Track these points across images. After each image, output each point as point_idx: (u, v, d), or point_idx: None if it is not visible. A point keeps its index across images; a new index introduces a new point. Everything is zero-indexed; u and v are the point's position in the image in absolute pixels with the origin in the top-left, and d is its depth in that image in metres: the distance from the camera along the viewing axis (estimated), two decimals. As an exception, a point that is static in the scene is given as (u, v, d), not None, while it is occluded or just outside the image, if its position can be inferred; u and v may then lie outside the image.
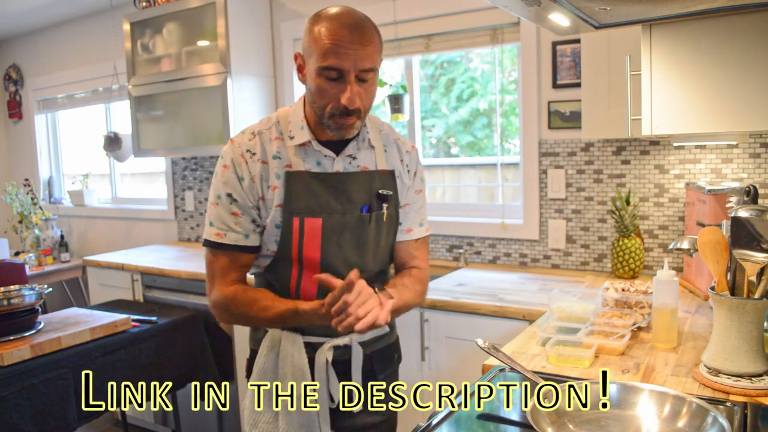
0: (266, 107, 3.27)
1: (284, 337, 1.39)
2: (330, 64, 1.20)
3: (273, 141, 1.34)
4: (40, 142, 4.71)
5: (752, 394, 1.18)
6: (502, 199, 2.78)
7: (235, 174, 1.31)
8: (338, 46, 1.19)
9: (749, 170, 2.11)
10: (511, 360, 1.28)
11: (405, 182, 1.45)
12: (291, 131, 1.34)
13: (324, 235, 1.32)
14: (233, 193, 1.32)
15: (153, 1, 3.35)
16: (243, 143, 1.33)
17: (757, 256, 1.17)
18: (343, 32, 1.20)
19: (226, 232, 1.33)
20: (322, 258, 1.33)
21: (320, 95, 1.25)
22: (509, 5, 1.17)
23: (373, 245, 1.39)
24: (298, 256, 1.33)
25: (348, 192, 1.34)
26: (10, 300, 2.01)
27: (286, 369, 1.37)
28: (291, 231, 1.31)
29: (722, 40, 1.27)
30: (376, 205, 1.37)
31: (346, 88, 1.22)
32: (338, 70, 1.21)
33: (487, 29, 2.63)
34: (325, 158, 1.35)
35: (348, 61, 1.20)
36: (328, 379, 1.39)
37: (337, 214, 1.33)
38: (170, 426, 3.06)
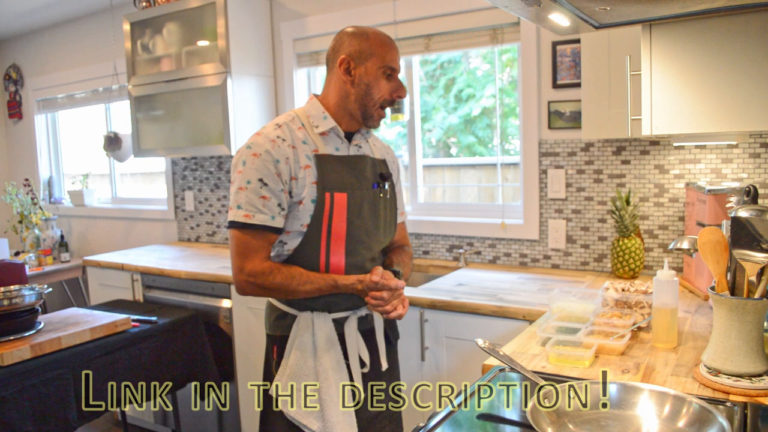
0: (266, 107, 3.27)
1: (316, 318, 1.57)
2: (390, 64, 1.56)
3: (298, 130, 1.57)
4: (40, 142, 4.71)
5: (752, 394, 1.18)
6: (502, 199, 2.78)
7: (270, 157, 1.49)
8: (395, 51, 1.59)
9: (749, 170, 2.11)
10: (511, 360, 1.28)
11: (392, 170, 1.76)
12: (313, 122, 1.58)
13: (349, 208, 1.55)
14: (264, 177, 1.49)
15: (153, 1, 3.35)
16: (271, 132, 1.54)
17: (757, 256, 1.17)
18: (391, 43, 1.59)
19: (255, 213, 1.49)
20: (348, 228, 1.55)
21: (378, 89, 1.56)
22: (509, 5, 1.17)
23: (383, 219, 1.66)
24: (327, 228, 1.54)
25: (362, 171, 1.61)
26: (11, 300, 2.01)
27: (321, 345, 1.56)
28: (324, 205, 1.52)
29: (722, 40, 1.27)
30: (381, 183, 1.65)
31: (397, 82, 1.59)
32: (395, 70, 1.58)
33: (487, 29, 2.63)
34: (341, 144, 1.61)
35: (397, 62, 1.59)
36: (358, 347, 1.62)
37: (357, 190, 1.58)
38: (170, 426, 3.06)
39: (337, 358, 1.57)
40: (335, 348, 1.57)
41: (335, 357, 1.57)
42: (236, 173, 1.52)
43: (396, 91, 1.58)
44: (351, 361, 1.59)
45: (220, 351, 2.78)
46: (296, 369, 1.56)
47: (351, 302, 1.61)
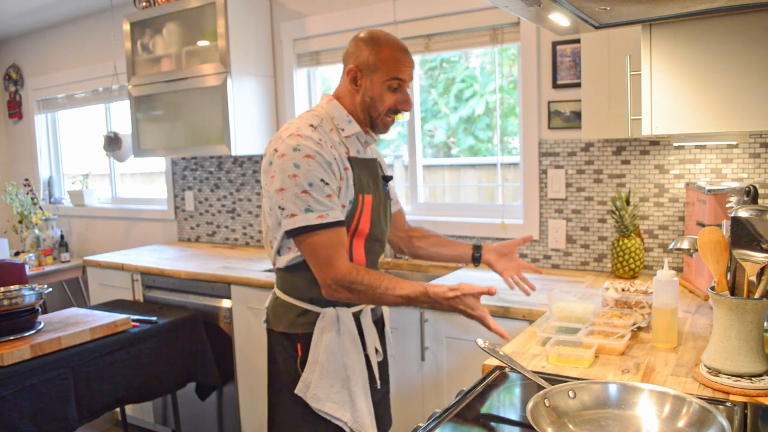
0: (266, 107, 3.27)
1: (341, 314, 1.61)
2: (399, 75, 1.58)
3: (330, 132, 1.59)
4: (40, 142, 4.71)
5: (752, 394, 1.18)
6: (502, 199, 2.78)
7: (323, 158, 1.49)
8: (405, 62, 1.59)
9: (749, 170, 2.11)
10: (511, 360, 1.28)
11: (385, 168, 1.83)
12: (340, 125, 1.62)
13: (373, 209, 1.63)
14: (324, 177, 1.49)
15: (153, 1, 3.35)
16: (313, 135, 1.52)
17: (757, 256, 1.17)
18: (405, 53, 1.60)
19: (328, 212, 1.49)
20: (371, 227, 1.63)
21: (382, 101, 1.59)
22: (509, 5, 1.17)
23: (389, 218, 1.76)
24: (354, 227, 1.59)
25: (376, 173, 1.69)
26: (11, 300, 2.01)
27: (347, 341, 1.61)
28: (356, 206, 1.58)
29: (722, 40, 1.27)
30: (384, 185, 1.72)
31: (404, 93, 1.62)
32: (403, 81, 1.59)
33: (487, 29, 2.63)
34: (361, 147, 1.67)
35: (408, 75, 1.61)
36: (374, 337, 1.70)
37: (375, 191, 1.65)
38: (170, 426, 3.06)
39: (358, 351, 1.63)
40: (358, 342, 1.64)
41: (358, 350, 1.63)
42: (289, 178, 1.46)
43: (401, 103, 1.61)
44: (369, 351, 1.67)
45: (220, 351, 2.78)
46: (327, 365, 1.58)
47: None
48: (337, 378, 1.59)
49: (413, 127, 2.98)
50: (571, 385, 1.12)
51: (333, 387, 1.59)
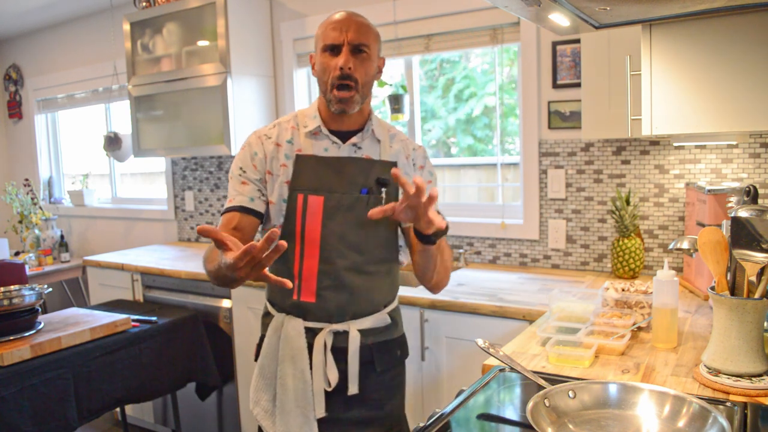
0: (266, 107, 3.27)
1: (287, 321, 1.50)
2: (327, 42, 1.44)
3: (289, 129, 1.54)
4: (40, 142, 4.71)
5: (752, 394, 1.18)
6: (502, 199, 2.78)
7: (249, 151, 1.51)
8: (334, 28, 1.44)
9: (749, 170, 2.11)
10: (511, 360, 1.28)
11: (407, 172, 1.56)
12: (305, 121, 1.54)
13: (325, 212, 1.46)
14: (243, 166, 1.51)
15: (153, 1, 3.34)
16: (263, 131, 1.55)
17: (757, 256, 1.17)
18: (339, 17, 1.45)
19: (235, 196, 1.50)
20: (322, 234, 1.46)
21: (323, 71, 1.46)
22: (509, 5, 1.16)
23: (372, 226, 1.49)
24: (301, 231, 1.47)
25: (349, 174, 1.49)
26: (10, 300, 2.01)
27: (285, 351, 1.48)
28: (296, 206, 1.46)
29: (722, 40, 1.27)
30: (375, 189, 1.49)
31: (341, 55, 1.43)
32: (335, 45, 1.43)
33: (487, 29, 2.63)
34: (332, 145, 1.51)
35: (342, 36, 1.43)
36: (325, 362, 1.48)
37: (337, 194, 1.47)
38: (170, 426, 3.06)
39: (302, 368, 1.46)
40: (301, 357, 1.47)
41: (300, 366, 1.47)
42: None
43: (339, 62, 1.42)
44: (314, 376, 1.47)
45: (220, 351, 2.78)
46: (261, 370, 1.53)
47: (325, 313, 1.48)
48: (269, 386, 1.52)
49: (413, 127, 2.98)
50: (571, 385, 1.12)
51: (264, 393, 1.52)
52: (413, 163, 1.58)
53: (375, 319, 1.53)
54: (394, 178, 1.21)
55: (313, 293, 1.48)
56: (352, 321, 1.50)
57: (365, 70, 1.46)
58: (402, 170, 1.53)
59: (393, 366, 1.58)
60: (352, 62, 1.43)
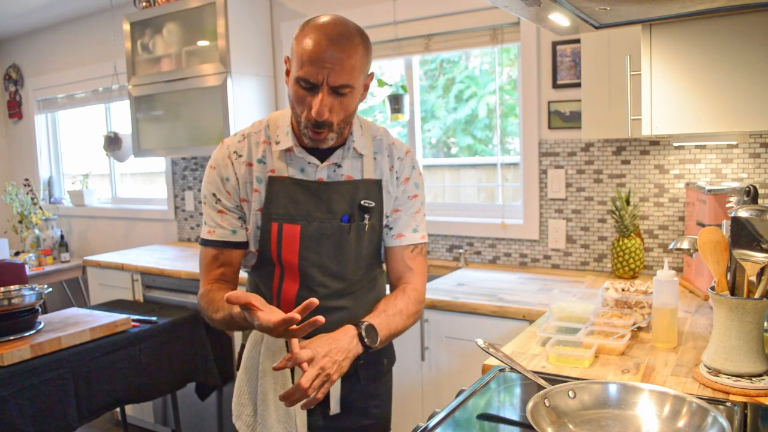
0: (266, 107, 3.27)
1: (266, 336, 1.40)
2: (302, 75, 1.21)
3: (260, 144, 1.37)
4: (40, 142, 4.71)
5: (752, 394, 1.18)
6: (502, 199, 2.78)
7: (219, 175, 1.37)
8: (315, 59, 1.19)
9: (749, 170, 2.11)
10: (511, 360, 1.28)
11: (390, 191, 1.42)
12: (278, 136, 1.36)
13: (302, 242, 1.34)
14: (217, 193, 1.38)
15: (153, 1, 3.35)
16: (232, 145, 1.38)
17: (757, 256, 1.17)
18: (323, 45, 1.19)
19: (215, 228, 1.39)
20: (300, 263, 1.35)
21: (297, 102, 1.26)
22: (509, 5, 1.16)
23: (354, 254, 1.38)
24: (278, 258, 1.36)
25: (329, 201, 1.35)
26: (10, 300, 2.01)
27: (266, 365, 1.40)
28: (270, 235, 1.35)
29: (722, 40, 1.27)
30: (357, 216, 1.37)
31: (318, 97, 1.21)
32: (311, 84, 1.21)
33: (487, 29, 2.63)
34: (309, 165, 1.36)
35: (321, 75, 1.20)
36: None
37: (315, 222, 1.34)
38: (170, 426, 3.06)
39: (284, 383, 1.38)
40: (282, 375, 1.38)
41: (281, 381, 1.38)
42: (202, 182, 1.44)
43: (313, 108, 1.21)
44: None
45: (220, 351, 2.78)
46: (241, 383, 1.46)
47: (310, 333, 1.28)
48: (249, 401, 1.44)
49: (413, 127, 2.98)
50: (571, 385, 1.12)
51: (245, 407, 1.44)
52: (396, 177, 1.43)
53: None
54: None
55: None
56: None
57: (345, 108, 1.26)
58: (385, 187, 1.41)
59: (378, 377, 1.50)
60: (329, 105, 1.23)
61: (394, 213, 1.44)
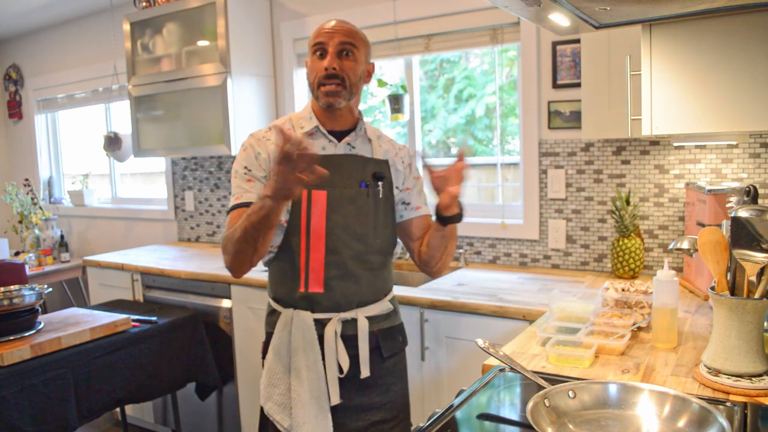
0: (266, 107, 3.27)
1: (296, 315, 1.56)
2: (315, 41, 1.54)
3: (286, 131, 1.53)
4: (40, 142, 4.71)
5: (752, 394, 1.18)
6: (502, 199, 2.78)
7: (252, 151, 1.58)
8: (323, 30, 1.55)
9: (749, 170, 2.11)
10: (511, 360, 1.28)
11: (399, 169, 1.68)
12: (301, 122, 1.61)
13: (329, 205, 1.54)
14: (248, 165, 1.57)
15: (153, 1, 3.35)
16: (260, 133, 1.62)
17: (757, 256, 1.17)
18: (330, 21, 1.57)
19: (243, 194, 1.55)
20: (328, 227, 1.53)
21: (311, 71, 1.56)
22: (509, 5, 1.17)
23: (372, 218, 1.59)
24: (306, 225, 1.53)
25: (348, 169, 1.58)
26: (11, 300, 2.01)
27: (297, 343, 1.54)
28: (300, 201, 1.52)
29: (722, 40, 1.27)
30: (372, 183, 1.60)
31: (327, 56, 1.53)
32: (323, 49, 1.53)
33: (487, 29, 2.63)
34: (329, 143, 1.60)
35: (328, 37, 1.53)
36: (337, 351, 1.55)
37: (338, 188, 1.55)
38: (170, 426, 3.06)
39: (314, 359, 1.53)
40: (312, 348, 1.54)
41: (312, 357, 1.53)
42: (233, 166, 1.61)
43: (325, 63, 1.52)
44: (327, 364, 1.55)
45: (220, 351, 2.78)
46: (272, 365, 1.58)
47: (333, 303, 1.56)
48: (282, 380, 1.56)
49: (413, 127, 2.98)
50: (571, 385, 1.12)
51: (276, 388, 1.57)
52: (402, 160, 1.70)
53: (379, 307, 1.63)
54: (426, 168, 1.51)
55: (321, 284, 1.54)
56: (359, 309, 1.59)
57: (351, 69, 1.55)
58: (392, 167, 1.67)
59: (396, 351, 1.67)
60: (337, 63, 1.53)
61: (406, 191, 1.70)
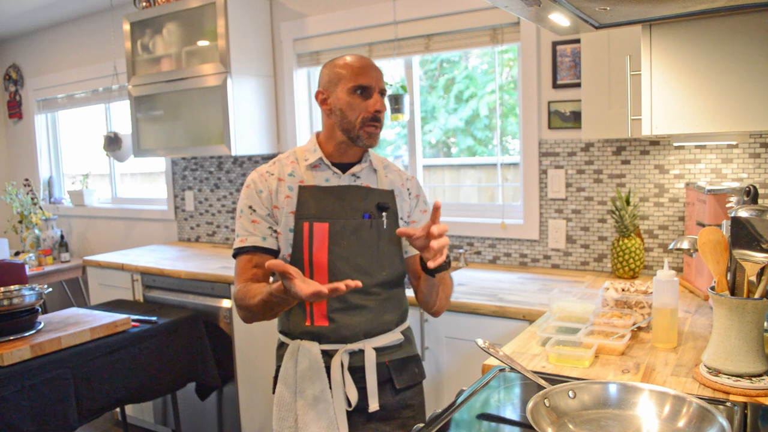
0: (266, 107, 3.27)
1: (302, 346, 1.53)
2: (361, 83, 1.51)
3: (290, 164, 1.60)
4: (40, 142, 4.71)
5: (752, 394, 1.18)
6: (502, 199, 2.78)
7: (254, 189, 1.57)
8: (365, 69, 1.53)
9: (749, 170, 2.11)
10: (511, 360, 1.28)
11: (405, 199, 1.65)
12: (306, 155, 1.60)
13: (330, 238, 1.52)
14: (252, 204, 1.56)
15: (153, 1, 3.35)
16: (264, 168, 1.61)
17: (757, 256, 1.17)
18: (365, 62, 1.55)
19: (247, 236, 1.55)
20: (329, 259, 1.51)
21: (352, 110, 1.52)
22: (509, 5, 1.16)
23: (376, 250, 1.55)
24: (309, 258, 1.51)
25: (351, 201, 1.56)
26: (10, 300, 2.01)
27: (303, 372, 1.52)
28: (302, 234, 1.51)
29: (722, 40, 1.27)
30: (376, 214, 1.57)
31: (373, 98, 1.53)
32: (367, 87, 1.52)
33: (487, 29, 2.63)
34: (333, 175, 1.58)
35: (373, 80, 1.53)
36: (344, 383, 1.52)
37: (341, 219, 1.53)
38: (170, 426, 3.06)
39: (322, 388, 1.50)
40: (320, 377, 1.51)
41: (319, 386, 1.50)
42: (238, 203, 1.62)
43: (373, 105, 1.52)
44: (335, 396, 1.51)
45: (220, 351, 2.78)
46: (281, 397, 1.55)
47: (339, 335, 1.52)
48: (289, 411, 1.53)
49: (413, 127, 2.98)
50: (571, 385, 1.12)
51: (285, 420, 1.53)
52: (408, 191, 1.67)
53: (388, 338, 1.57)
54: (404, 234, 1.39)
55: (325, 316, 1.52)
56: (366, 340, 1.55)
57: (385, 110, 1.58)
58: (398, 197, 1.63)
59: (412, 384, 1.62)
60: (380, 105, 1.54)
61: (411, 224, 1.66)
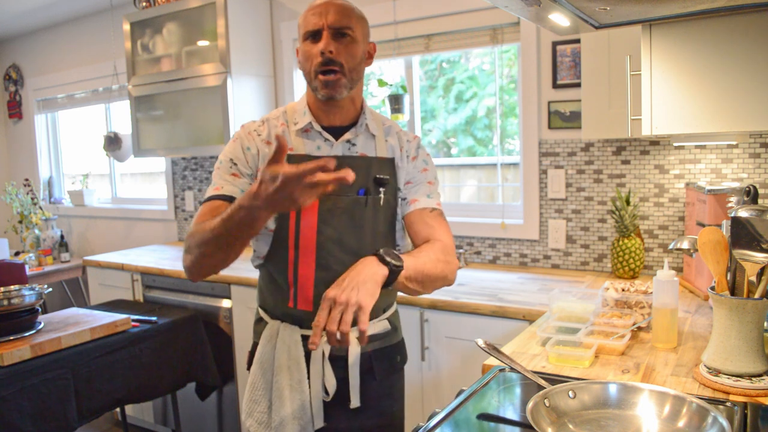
0: (266, 107, 3.27)
1: (282, 329, 1.42)
2: (309, 28, 1.35)
3: (279, 126, 1.44)
4: (40, 142, 4.71)
5: (752, 394, 1.18)
6: (502, 199, 2.78)
7: (240, 145, 1.41)
8: (314, 13, 1.35)
9: (749, 170, 2.11)
10: (511, 360, 1.28)
11: (402, 167, 1.48)
12: (296, 117, 1.44)
13: (320, 216, 1.37)
14: (234, 158, 1.40)
15: (153, 1, 3.35)
16: (251, 126, 1.45)
17: (757, 256, 1.17)
18: (317, 2, 1.36)
19: (224, 185, 1.38)
20: (318, 241, 1.37)
21: (305, 58, 1.37)
22: (509, 5, 1.16)
23: (370, 229, 1.42)
24: (295, 237, 1.37)
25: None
26: (10, 300, 2.01)
27: (281, 360, 1.41)
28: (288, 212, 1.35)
29: (722, 40, 1.27)
30: (373, 189, 1.42)
31: (323, 40, 1.33)
32: (315, 31, 1.34)
33: (487, 29, 2.63)
34: (325, 142, 1.42)
35: (321, 20, 1.33)
36: (323, 372, 1.42)
37: (332, 196, 1.37)
38: (170, 426, 3.06)
39: (299, 378, 1.40)
40: (298, 367, 1.40)
41: (297, 377, 1.40)
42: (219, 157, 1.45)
43: (319, 48, 1.32)
44: (312, 386, 1.41)
45: (220, 351, 2.78)
46: (255, 379, 1.46)
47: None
48: (263, 397, 1.44)
49: (413, 127, 2.98)
50: (571, 385, 1.12)
51: (258, 404, 1.45)
52: (406, 155, 1.49)
53: (375, 326, 1.46)
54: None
55: (310, 302, 1.39)
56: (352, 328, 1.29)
57: (350, 53, 1.35)
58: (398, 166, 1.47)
59: (392, 373, 1.53)
60: (334, 46, 1.33)
61: (406, 185, 1.49)
